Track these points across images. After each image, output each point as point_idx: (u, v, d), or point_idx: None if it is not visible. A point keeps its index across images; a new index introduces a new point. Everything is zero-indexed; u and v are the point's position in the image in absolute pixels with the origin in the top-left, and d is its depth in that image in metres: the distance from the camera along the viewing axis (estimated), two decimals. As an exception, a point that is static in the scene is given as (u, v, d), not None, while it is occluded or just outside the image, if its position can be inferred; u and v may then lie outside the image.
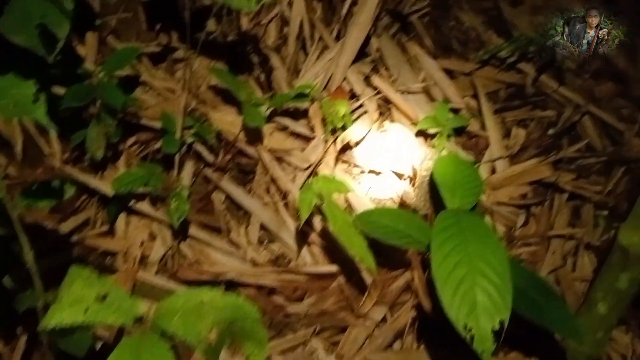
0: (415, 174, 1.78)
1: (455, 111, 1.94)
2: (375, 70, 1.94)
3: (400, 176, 1.81)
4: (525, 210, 1.81)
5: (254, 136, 1.70)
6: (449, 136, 1.85)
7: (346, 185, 1.50)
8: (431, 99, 1.95)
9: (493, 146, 1.90)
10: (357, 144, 1.79)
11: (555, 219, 1.80)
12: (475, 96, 1.98)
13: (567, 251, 1.77)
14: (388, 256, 1.61)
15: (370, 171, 1.81)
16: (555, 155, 1.84)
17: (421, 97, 1.92)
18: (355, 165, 1.81)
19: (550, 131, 1.91)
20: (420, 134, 1.86)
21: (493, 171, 1.87)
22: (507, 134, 1.94)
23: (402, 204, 1.78)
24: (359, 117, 1.85)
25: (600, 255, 1.74)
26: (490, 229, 1.23)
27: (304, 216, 1.39)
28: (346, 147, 1.77)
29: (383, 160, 1.79)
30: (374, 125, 1.84)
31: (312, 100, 1.75)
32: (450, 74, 2.03)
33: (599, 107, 1.99)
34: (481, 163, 1.88)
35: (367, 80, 1.91)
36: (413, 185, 1.80)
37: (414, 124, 1.85)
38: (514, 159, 1.88)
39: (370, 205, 1.75)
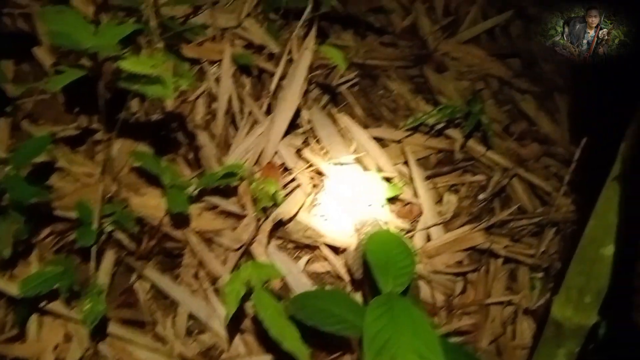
0: (351, 247, 1.72)
1: (387, 180, 1.92)
2: (306, 142, 1.90)
3: (336, 250, 1.75)
4: (462, 277, 1.78)
5: (181, 218, 1.60)
6: (382, 206, 1.82)
7: (277, 270, 1.41)
8: (364, 168, 1.92)
9: (427, 213, 1.87)
10: (290, 219, 1.72)
11: (493, 285, 1.77)
12: (406, 163, 1.97)
13: (506, 318, 1.73)
14: (327, 338, 1.52)
15: (306, 246, 1.75)
16: (487, 220, 1.83)
17: (354, 168, 1.89)
18: (291, 241, 1.73)
19: (481, 196, 1.91)
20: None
21: (428, 239, 1.84)
22: (439, 200, 1.93)
23: (339, 279, 1.72)
24: (292, 191, 1.79)
25: (538, 320, 1.72)
26: (423, 316, 1.17)
27: (231, 310, 1.29)
28: (279, 224, 1.70)
29: (318, 233, 1.73)
30: (307, 199, 1.79)
31: (242, 178, 1.68)
32: (381, 142, 2.02)
33: (526, 169, 2.01)
34: (416, 231, 1.86)
35: (298, 153, 1.87)
36: (350, 258, 1.74)
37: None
38: (447, 225, 1.85)
39: (307, 283, 1.67)
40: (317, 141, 1.91)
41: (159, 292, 1.59)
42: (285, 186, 1.79)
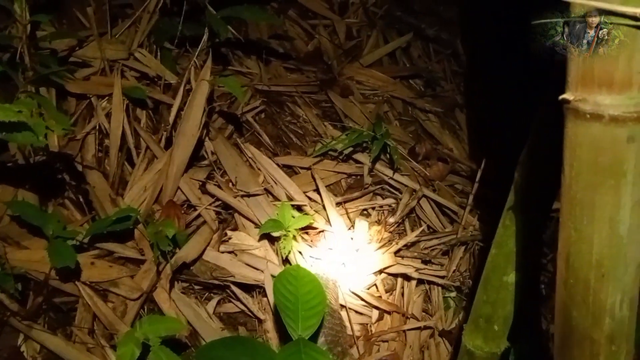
0: (261, 285, 1.61)
1: (299, 208, 1.83)
2: (211, 176, 1.77)
3: (249, 289, 1.63)
4: (377, 303, 1.72)
5: (72, 270, 1.42)
6: (294, 237, 1.73)
7: (178, 322, 1.27)
8: (274, 198, 1.82)
9: (340, 241, 1.80)
10: (196, 259, 1.59)
11: (408, 309, 1.73)
12: (317, 190, 1.89)
13: (424, 341, 1.69)
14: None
15: (215, 286, 1.61)
16: (397, 242, 1.78)
17: (263, 199, 1.78)
18: (197, 283, 1.60)
19: (391, 219, 1.87)
20: (265, 237, 1.72)
21: (343, 265, 1.77)
22: (351, 226, 1.87)
23: (253, 317, 1.60)
24: (197, 228, 1.66)
25: (454, 341, 1.68)
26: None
27: (125, 374, 1.14)
28: (183, 266, 1.56)
29: (227, 272, 1.60)
30: (214, 236, 1.66)
31: (138, 221, 1.52)
32: (290, 170, 1.94)
33: (433, 189, 2.00)
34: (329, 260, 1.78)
35: (203, 187, 1.74)
36: (261, 297, 1.63)
37: (259, 227, 1.71)
38: (360, 251, 1.79)
39: (217, 327, 1.54)
40: (223, 174, 1.79)
41: (51, 353, 1.40)
42: (189, 224, 1.65)
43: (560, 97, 0.68)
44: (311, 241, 1.81)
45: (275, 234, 1.68)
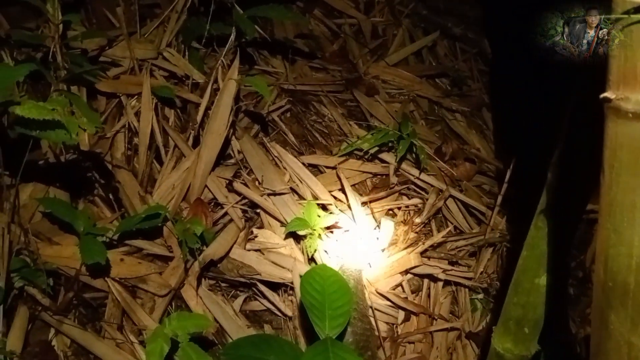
0: (289, 284, 1.62)
1: (324, 207, 1.83)
2: (237, 174, 1.79)
3: (275, 287, 1.63)
4: (404, 304, 1.71)
5: (101, 266, 1.45)
6: (320, 235, 1.73)
7: (206, 319, 1.29)
8: (300, 197, 1.82)
9: (365, 240, 1.80)
10: (222, 257, 1.60)
11: (434, 310, 1.72)
12: (342, 189, 1.89)
13: (450, 343, 1.67)
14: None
15: (241, 284, 1.62)
16: (424, 243, 1.77)
17: (288, 197, 1.78)
18: (224, 281, 1.61)
19: (417, 219, 1.86)
20: (291, 235, 1.72)
21: (369, 265, 1.77)
22: (377, 226, 1.86)
23: (279, 315, 1.61)
24: (224, 226, 1.67)
25: (481, 343, 1.66)
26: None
27: (154, 370, 1.15)
28: (210, 264, 1.57)
29: (253, 270, 1.61)
30: (241, 234, 1.67)
31: (167, 218, 1.54)
32: (315, 169, 1.94)
33: (460, 190, 1.98)
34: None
35: (229, 186, 1.75)
36: (287, 295, 1.64)
37: (285, 226, 1.71)
38: (386, 251, 1.79)
39: (244, 325, 1.55)
40: (249, 172, 1.80)
41: (81, 348, 1.42)
42: (216, 222, 1.67)
43: (602, 95, 0.67)
44: (337, 240, 1.81)
45: (301, 233, 1.68)
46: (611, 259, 0.70)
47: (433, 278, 1.72)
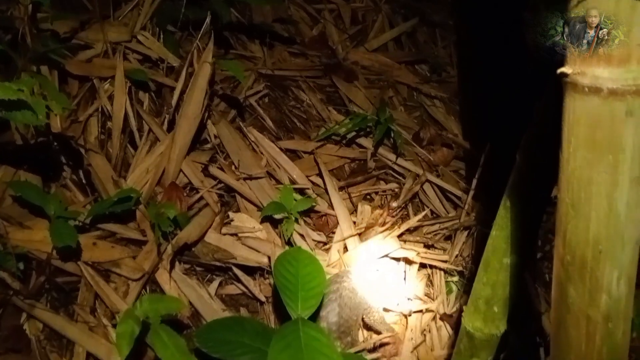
0: (266, 267, 1.62)
1: (301, 192, 1.83)
2: (213, 159, 1.77)
3: (251, 271, 1.63)
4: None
5: (73, 250, 1.43)
6: (296, 219, 1.73)
7: (179, 301, 1.28)
8: (277, 181, 1.82)
9: (342, 224, 1.79)
10: (197, 241, 1.59)
11: (410, 292, 1.72)
12: (320, 174, 1.89)
13: (425, 325, 1.68)
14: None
15: (217, 268, 1.62)
16: (399, 227, 1.78)
17: (265, 182, 1.77)
18: (199, 265, 1.60)
19: (394, 204, 1.86)
20: (268, 219, 1.72)
21: (345, 250, 1.77)
22: (354, 210, 1.86)
23: (255, 300, 1.61)
24: (199, 211, 1.66)
25: (456, 325, 1.68)
26: (331, 342, 1.08)
27: (124, 353, 1.14)
28: (185, 248, 1.56)
29: (229, 254, 1.60)
30: (216, 219, 1.66)
31: (140, 202, 1.53)
32: (293, 154, 1.93)
33: (437, 175, 1.99)
34: (333, 243, 1.78)
35: (205, 170, 1.74)
36: (263, 279, 1.63)
37: (261, 210, 1.71)
38: (363, 235, 1.79)
39: (219, 309, 1.55)
40: (225, 157, 1.79)
41: (53, 332, 1.41)
42: (191, 207, 1.65)
43: (559, 70, 0.67)
44: (314, 224, 1.81)
45: (277, 217, 1.68)
46: (569, 234, 0.70)
47: (409, 261, 1.73)
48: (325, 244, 1.77)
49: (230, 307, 1.58)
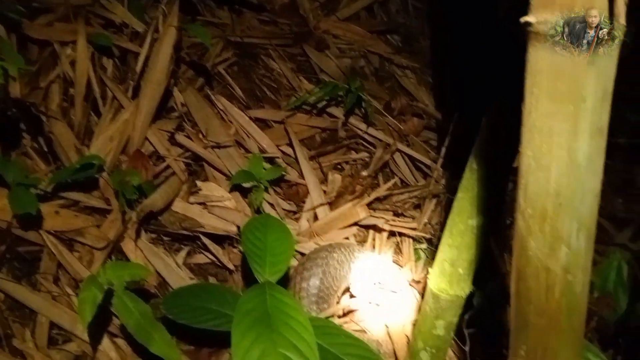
0: (234, 236, 1.59)
1: (271, 161, 1.80)
2: (180, 127, 1.73)
3: (219, 240, 1.61)
4: (349, 255, 1.72)
5: (35, 219, 1.39)
6: (266, 188, 1.70)
7: (143, 268, 1.25)
8: (246, 151, 1.79)
9: (312, 193, 1.78)
10: (163, 210, 1.56)
11: (379, 260, 1.73)
12: (290, 144, 1.86)
13: (394, 291, 1.70)
14: (208, 333, 1.39)
15: (185, 237, 1.59)
16: (369, 195, 1.77)
17: (234, 150, 1.74)
18: (166, 234, 1.57)
19: (364, 172, 1.86)
20: (237, 188, 1.69)
21: (315, 219, 1.76)
22: (324, 180, 1.85)
23: (223, 268, 1.59)
24: (166, 179, 1.63)
25: (423, 291, 1.69)
26: (297, 305, 1.08)
27: (87, 319, 1.11)
28: (151, 216, 1.53)
29: (196, 223, 1.57)
30: (183, 187, 1.63)
31: (102, 169, 1.48)
32: (263, 123, 1.90)
33: (407, 144, 1.99)
34: (302, 212, 1.76)
35: (172, 138, 1.70)
36: (232, 248, 1.61)
37: (230, 179, 1.68)
38: (333, 204, 1.78)
39: (187, 277, 1.52)
40: (193, 125, 1.75)
41: (15, 302, 1.37)
42: (157, 175, 1.61)
43: (522, 19, 0.66)
44: (285, 194, 1.79)
45: (246, 186, 1.65)
46: (531, 186, 0.70)
47: (378, 229, 1.73)
48: (295, 213, 1.76)
49: (198, 276, 1.56)
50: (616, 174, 2.27)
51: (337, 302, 1.56)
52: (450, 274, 1.15)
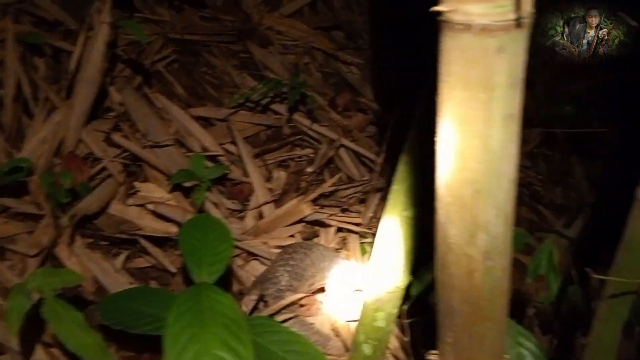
0: (175, 238, 1.56)
1: (214, 160, 1.77)
2: (117, 127, 1.68)
3: (160, 242, 1.57)
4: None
5: (-41, 227, 1.32)
6: (209, 187, 1.67)
7: (75, 274, 1.20)
8: (187, 150, 1.75)
9: (258, 191, 1.76)
10: (99, 213, 1.50)
11: (325, 256, 1.73)
12: (234, 142, 1.84)
13: (341, 286, 1.70)
14: (148, 338, 1.35)
15: (123, 241, 1.54)
16: (314, 191, 1.76)
17: (174, 150, 1.70)
18: (104, 238, 1.52)
19: (309, 169, 1.85)
20: (179, 188, 1.65)
21: (260, 217, 1.74)
22: (269, 177, 1.83)
23: (165, 272, 1.55)
24: (102, 181, 1.57)
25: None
26: (234, 304, 1.06)
27: (14, 329, 1.06)
28: (85, 220, 1.47)
29: (135, 226, 1.53)
30: (121, 189, 1.57)
31: (32, 172, 1.42)
32: (206, 121, 1.86)
33: (352, 139, 1.99)
34: (248, 211, 1.74)
35: (108, 139, 1.64)
36: (173, 250, 1.58)
37: (170, 179, 1.64)
38: (278, 202, 1.76)
39: (126, 282, 1.48)
40: (131, 125, 1.70)
41: (-59, 315, 1.29)
42: (94, 177, 1.56)
43: (432, 8, 0.66)
44: (229, 193, 1.77)
45: (187, 185, 1.62)
46: (448, 174, 0.70)
47: (324, 225, 1.72)
48: (240, 211, 1.73)
49: (139, 280, 1.52)
50: (555, 164, 2.35)
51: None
52: (387, 267, 1.15)
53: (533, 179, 2.21)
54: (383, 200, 1.80)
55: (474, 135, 0.67)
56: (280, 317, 1.42)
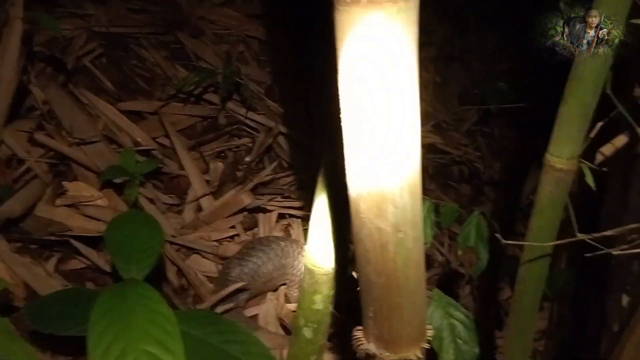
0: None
1: (147, 154, 1.73)
2: (41, 126, 1.61)
3: (93, 242, 1.52)
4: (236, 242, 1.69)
5: None
6: (142, 183, 1.63)
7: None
8: (118, 146, 1.70)
9: (194, 184, 1.73)
10: (25, 216, 1.45)
11: (268, 245, 1.72)
12: (167, 135, 1.80)
13: (285, 274, 1.70)
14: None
15: (53, 243, 1.49)
16: (252, 180, 1.75)
17: (103, 146, 1.65)
18: (32, 241, 1.46)
19: (248, 158, 1.83)
20: (110, 186, 1.61)
21: (199, 210, 1.72)
22: (207, 169, 1.80)
23: (101, 272, 1.51)
24: (28, 182, 1.51)
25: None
26: (160, 299, 1.04)
27: None
28: (10, 224, 1.41)
29: (64, 227, 1.48)
30: (47, 190, 1.52)
31: (-54, 179, 1.35)
32: (137, 115, 1.82)
33: (290, 127, 1.99)
34: (185, 204, 1.71)
35: (32, 139, 1.58)
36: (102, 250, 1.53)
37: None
38: (216, 193, 1.74)
39: (59, 286, 1.43)
40: (56, 124, 1.64)
41: None
42: (18, 180, 1.50)
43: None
44: (166, 187, 1.73)
45: (118, 181, 1.58)
46: (353, 147, 0.71)
47: (265, 211, 1.72)
48: (177, 205, 1.71)
49: (74, 283, 1.47)
50: (493, 139, 2.41)
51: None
52: (322, 249, 1.16)
53: (472, 156, 2.27)
54: (323, 184, 1.81)
55: (374, 112, 0.67)
56: (220, 309, 1.41)
